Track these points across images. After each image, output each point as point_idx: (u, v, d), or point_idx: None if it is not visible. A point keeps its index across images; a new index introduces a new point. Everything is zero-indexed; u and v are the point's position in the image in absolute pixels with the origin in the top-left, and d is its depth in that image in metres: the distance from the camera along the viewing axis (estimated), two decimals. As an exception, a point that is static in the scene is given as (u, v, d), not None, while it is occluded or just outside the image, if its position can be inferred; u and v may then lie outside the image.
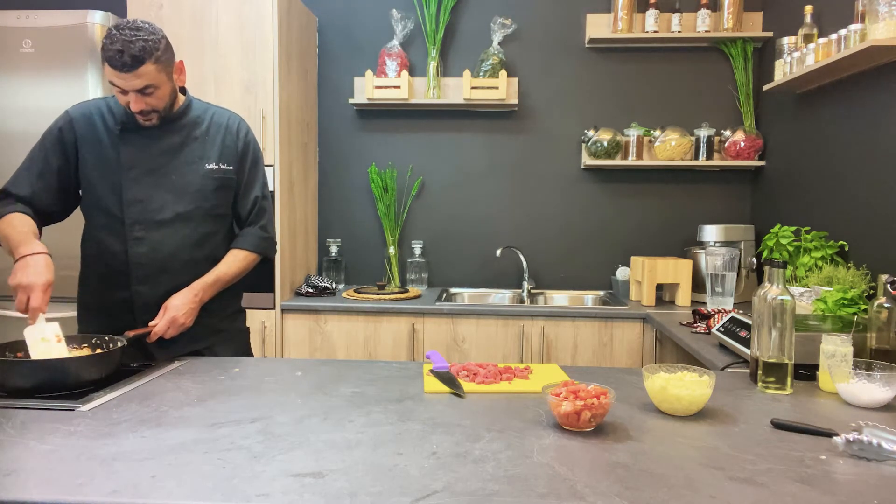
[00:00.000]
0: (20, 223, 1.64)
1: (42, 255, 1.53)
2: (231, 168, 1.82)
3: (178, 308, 1.70)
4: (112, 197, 1.71)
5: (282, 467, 1.04)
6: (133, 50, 1.54)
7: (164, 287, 1.74)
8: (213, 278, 1.78)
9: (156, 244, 1.72)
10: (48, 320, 1.57)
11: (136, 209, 1.71)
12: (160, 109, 1.68)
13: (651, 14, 3.25)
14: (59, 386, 1.39)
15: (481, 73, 3.32)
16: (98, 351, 1.60)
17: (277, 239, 2.94)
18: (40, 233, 1.69)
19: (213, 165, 1.78)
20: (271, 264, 2.95)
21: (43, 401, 1.34)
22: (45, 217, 1.75)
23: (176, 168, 1.75)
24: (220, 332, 1.89)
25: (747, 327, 1.87)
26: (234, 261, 1.84)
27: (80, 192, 1.77)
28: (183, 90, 1.80)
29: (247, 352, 2.01)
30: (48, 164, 1.72)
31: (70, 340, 1.60)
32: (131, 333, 1.66)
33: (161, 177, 1.73)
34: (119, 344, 1.56)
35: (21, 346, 1.52)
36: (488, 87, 3.27)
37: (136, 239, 1.71)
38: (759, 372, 1.53)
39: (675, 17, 3.25)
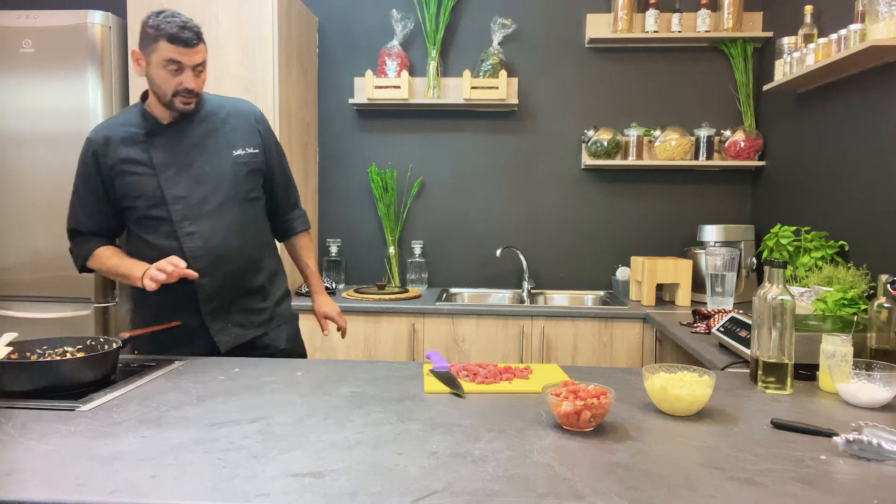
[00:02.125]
0: (111, 253, 1.80)
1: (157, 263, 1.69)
2: (257, 151, 1.89)
3: (332, 307, 2.08)
4: (156, 200, 1.77)
5: (282, 467, 1.04)
6: (194, 27, 1.68)
7: (223, 275, 1.82)
8: (314, 269, 2.09)
9: (207, 236, 1.79)
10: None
11: (181, 206, 1.77)
12: (200, 93, 1.77)
13: (651, 14, 3.25)
14: (57, 388, 1.38)
15: (481, 73, 3.32)
16: (104, 350, 1.59)
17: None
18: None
19: (240, 151, 1.85)
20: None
21: (43, 401, 1.34)
22: (114, 236, 1.89)
23: (207, 160, 1.81)
24: (274, 318, 1.96)
25: (747, 327, 1.87)
26: (309, 244, 2.10)
27: (124, 207, 1.82)
28: None
29: (297, 336, 2.07)
30: (95, 194, 1.81)
31: (67, 342, 1.59)
32: (126, 334, 1.67)
33: (196, 170, 1.79)
34: (115, 345, 1.56)
35: (17, 346, 1.52)
36: (488, 87, 3.27)
37: (187, 234, 1.77)
38: (759, 372, 1.53)
39: (675, 17, 3.25)
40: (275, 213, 2.02)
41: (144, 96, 1.81)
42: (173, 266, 1.66)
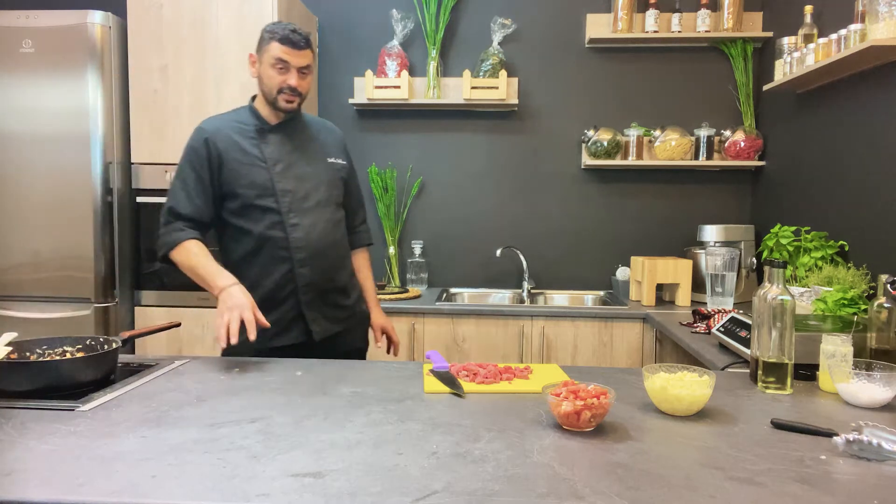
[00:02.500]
0: (199, 251, 1.84)
1: (237, 286, 1.76)
2: (344, 163, 2.09)
3: (388, 322, 2.22)
4: (266, 191, 1.88)
5: (282, 467, 1.04)
6: (303, 34, 1.86)
7: (320, 268, 1.94)
8: (372, 282, 2.23)
9: (308, 229, 1.92)
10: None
11: (288, 199, 1.90)
12: (303, 94, 1.91)
13: (651, 14, 3.25)
14: (57, 388, 1.38)
15: (481, 73, 3.32)
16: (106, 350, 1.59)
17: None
18: (205, 245, 1.88)
19: (332, 160, 2.04)
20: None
21: (43, 401, 1.34)
22: (205, 230, 1.93)
23: (308, 161, 1.97)
24: (353, 316, 2.08)
25: (747, 327, 1.87)
26: (369, 258, 2.26)
27: (225, 197, 1.90)
28: None
29: (367, 335, 2.19)
30: (201, 180, 1.88)
31: (67, 342, 1.59)
32: (126, 334, 1.68)
33: (299, 169, 1.94)
34: (115, 345, 1.56)
35: (17, 346, 1.52)
36: (488, 87, 3.27)
37: (292, 225, 1.90)
38: (759, 372, 1.53)
39: (675, 17, 3.25)
40: (349, 222, 2.15)
41: (252, 100, 1.97)
42: (237, 323, 1.67)
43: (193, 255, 1.83)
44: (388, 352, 2.23)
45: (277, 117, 1.94)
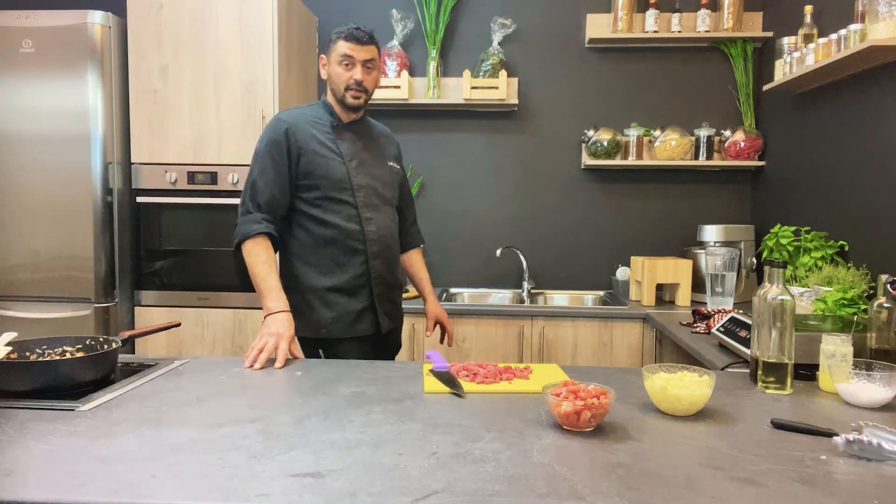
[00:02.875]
0: (266, 258, 1.87)
1: (284, 314, 1.79)
2: (399, 168, 2.18)
3: (443, 313, 2.29)
4: (343, 185, 1.95)
5: (282, 467, 1.04)
6: (367, 30, 1.95)
7: (389, 262, 2.05)
8: (428, 277, 2.33)
9: (380, 223, 2.02)
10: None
11: (363, 193, 1.98)
12: (369, 91, 1.98)
13: (651, 14, 3.25)
14: (57, 388, 1.38)
15: (481, 73, 3.32)
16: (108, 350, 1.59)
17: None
18: (275, 246, 1.93)
19: (392, 163, 2.13)
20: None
21: (42, 401, 1.34)
22: (280, 217, 1.96)
23: (375, 161, 2.06)
24: (401, 314, 2.18)
25: (747, 327, 1.87)
26: (422, 256, 2.36)
27: (301, 187, 1.95)
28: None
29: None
30: (280, 169, 1.93)
31: (67, 342, 1.59)
32: (126, 334, 1.68)
33: (369, 168, 2.02)
34: (115, 345, 1.56)
35: (17, 346, 1.52)
36: (488, 87, 3.27)
37: (366, 219, 1.98)
38: (759, 372, 1.53)
39: (675, 17, 3.25)
40: (400, 225, 2.22)
41: (322, 100, 2.05)
42: (272, 348, 1.71)
43: (261, 262, 1.86)
44: (441, 342, 2.31)
45: (348, 116, 2.01)
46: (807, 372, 1.61)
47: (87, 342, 1.60)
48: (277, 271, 1.89)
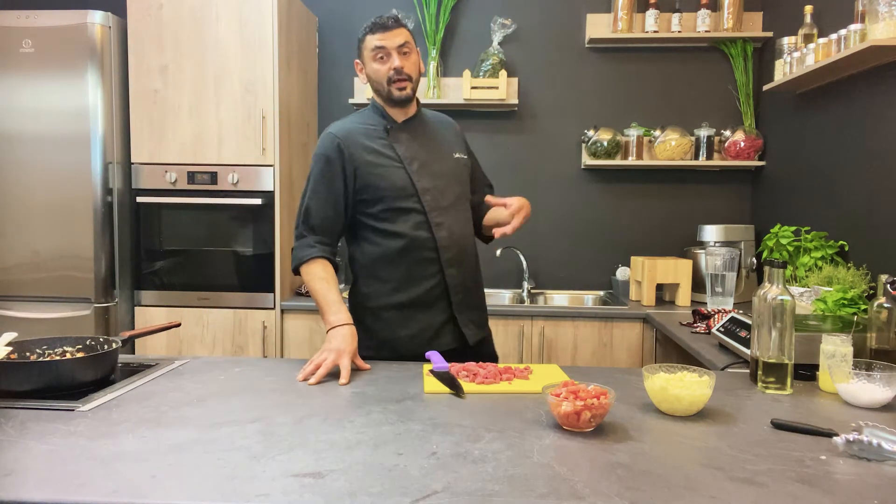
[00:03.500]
0: (324, 275, 1.79)
1: (346, 327, 1.70)
2: (466, 157, 2.00)
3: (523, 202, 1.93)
4: (406, 191, 1.82)
5: (282, 467, 1.04)
6: (392, 16, 1.81)
7: (466, 267, 1.89)
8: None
9: (451, 226, 1.86)
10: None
11: (429, 197, 1.84)
12: (412, 78, 1.82)
13: (651, 14, 3.25)
14: (57, 388, 1.38)
15: (481, 73, 3.32)
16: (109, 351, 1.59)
17: (278, 238, 2.96)
18: (335, 266, 1.84)
19: (458, 155, 1.97)
20: (271, 264, 2.95)
21: (43, 401, 1.33)
22: (336, 240, 1.87)
23: (438, 158, 1.90)
24: (488, 321, 2.00)
25: (747, 327, 1.87)
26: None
27: (363, 202, 1.84)
28: (416, 100, 1.93)
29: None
30: (334, 188, 1.83)
31: (67, 342, 1.59)
32: (126, 334, 1.68)
33: (432, 166, 1.87)
34: (115, 345, 1.56)
35: (17, 346, 1.52)
36: (488, 87, 3.27)
37: (437, 224, 1.84)
38: (759, 372, 1.53)
39: (675, 17, 3.25)
40: (476, 210, 2.06)
41: (372, 104, 1.92)
42: (331, 364, 1.61)
43: (319, 279, 1.79)
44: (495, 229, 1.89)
45: (402, 114, 1.88)
46: (807, 372, 1.61)
47: (87, 342, 1.60)
48: (337, 285, 1.80)
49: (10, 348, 1.47)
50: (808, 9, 2.64)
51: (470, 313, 1.90)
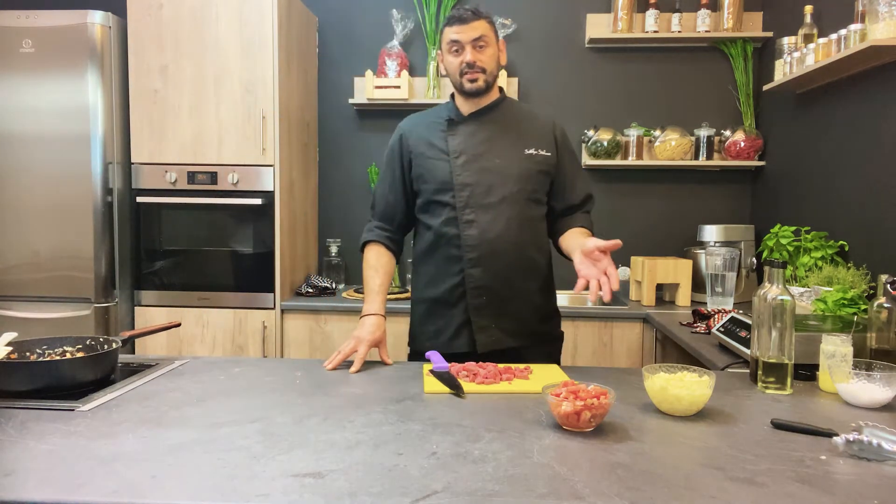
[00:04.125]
0: (374, 262, 1.90)
1: (373, 317, 1.79)
2: (549, 154, 1.88)
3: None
4: (445, 185, 1.83)
5: (282, 467, 1.04)
6: (472, 7, 1.80)
7: (493, 270, 1.81)
8: (580, 234, 1.85)
9: (485, 226, 1.80)
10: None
11: (466, 193, 1.81)
12: (486, 70, 1.80)
13: (651, 14, 3.25)
14: (57, 388, 1.38)
15: (481, 73, 3.32)
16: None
17: (278, 238, 2.96)
18: (395, 248, 1.95)
19: (532, 151, 1.86)
20: (271, 264, 2.95)
21: (43, 401, 1.33)
22: (398, 228, 1.95)
23: (498, 153, 1.84)
24: (534, 334, 1.89)
25: (747, 327, 1.87)
26: (584, 230, 1.89)
27: (414, 192, 1.91)
28: (501, 89, 1.94)
29: (557, 354, 1.98)
30: (395, 176, 1.91)
31: (67, 342, 1.59)
32: (126, 334, 1.68)
33: (485, 161, 1.83)
34: (115, 345, 1.56)
35: (17, 346, 1.52)
36: (488, 87, 3.26)
37: (466, 222, 1.81)
38: (759, 372, 1.53)
39: (675, 17, 3.25)
40: (562, 218, 1.94)
41: (452, 96, 1.95)
42: (351, 350, 1.71)
43: (368, 266, 1.90)
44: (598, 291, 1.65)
45: (472, 105, 1.87)
46: (807, 372, 1.61)
47: (87, 342, 1.60)
48: (384, 274, 1.88)
49: (10, 348, 1.47)
50: (808, 9, 2.64)
51: (496, 320, 1.82)
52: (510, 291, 1.83)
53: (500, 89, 1.93)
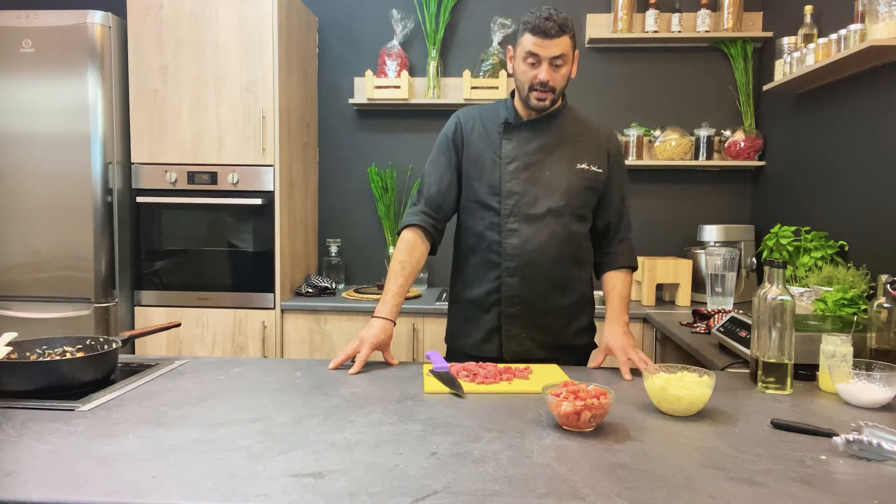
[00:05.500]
0: (404, 257, 1.82)
1: (380, 320, 1.74)
2: (600, 171, 1.85)
3: (628, 343, 1.72)
4: (493, 189, 1.81)
5: (282, 467, 1.04)
6: (559, 19, 1.69)
7: (530, 281, 1.80)
8: (624, 306, 1.84)
9: (527, 237, 1.79)
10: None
11: (512, 201, 1.79)
12: (557, 89, 1.76)
13: (651, 14, 3.25)
14: (57, 388, 1.38)
15: (481, 73, 3.32)
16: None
17: (278, 238, 2.96)
18: (436, 237, 1.89)
19: (584, 165, 1.83)
20: (271, 264, 2.95)
21: (43, 401, 1.34)
22: (444, 217, 1.90)
23: (550, 165, 1.82)
24: (566, 348, 1.88)
25: (747, 327, 1.87)
26: (628, 281, 1.89)
27: (462, 182, 1.88)
28: (563, 96, 1.88)
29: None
30: (449, 161, 1.87)
31: (67, 342, 1.59)
32: (126, 334, 1.68)
33: (536, 171, 1.81)
34: (115, 345, 1.56)
35: (17, 346, 1.52)
36: (488, 87, 3.27)
37: (509, 230, 1.80)
38: (759, 372, 1.53)
39: (675, 17, 3.25)
40: (601, 240, 1.92)
41: (511, 94, 1.88)
42: (353, 351, 1.69)
43: (396, 260, 1.83)
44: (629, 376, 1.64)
45: (529, 114, 1.83)
46: (807, 372, 1.61)
47: (87, 342, 1.60)
48: (409, 271, 1.81)
49: (10, 348, 1.47)
50: (808, 9, 2.64)
51: (527, 330, 1.82)
52: (545, 304, 1.82)
53: (563, 96, 1.88)
